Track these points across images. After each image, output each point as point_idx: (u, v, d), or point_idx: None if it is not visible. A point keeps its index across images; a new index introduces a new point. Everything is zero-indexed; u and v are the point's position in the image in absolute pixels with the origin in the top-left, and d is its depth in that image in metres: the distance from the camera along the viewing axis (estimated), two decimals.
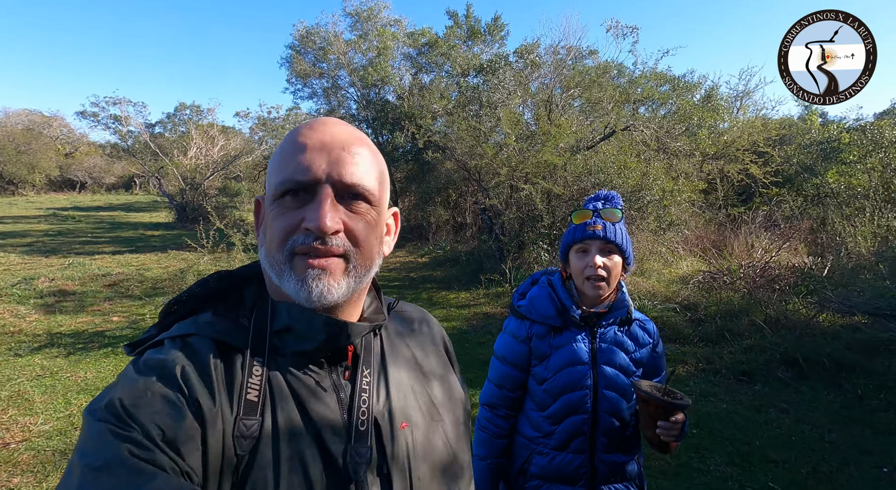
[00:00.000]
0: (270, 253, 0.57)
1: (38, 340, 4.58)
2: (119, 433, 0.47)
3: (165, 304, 0.61)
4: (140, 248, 11.00)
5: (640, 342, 1.31)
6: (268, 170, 0.61)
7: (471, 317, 5.64)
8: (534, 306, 1.32)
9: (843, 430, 3.01)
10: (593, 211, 1.28)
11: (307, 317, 0.57)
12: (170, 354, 0.54)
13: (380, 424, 0.60)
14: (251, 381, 0.55)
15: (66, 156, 32.85)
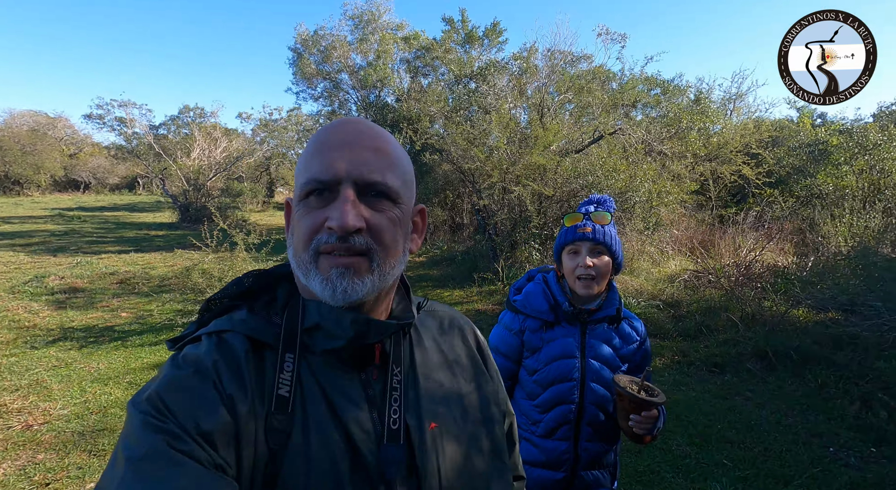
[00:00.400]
0: (297, 253, 0.58)
1: (51, 334, 4.85)
2: (158, 425, 0.48)
3: (205, 300, 0.64)
4: (144, 247, 11.28)
5: (628, 339, 1.37)
6: (295, 171, 0.63)
7: (463, 313, 5.88)
8: (528, 301, 1.39)
9: (800, 415, 3.25)
10: (584, 214, 1.35)
11: (335, 315, 0.58)
12: (206, 350, 0.56)
13: (409, 424, 0.60)
14: (282, 378, 0.56)
15: (71, 156, 33.21)
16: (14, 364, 4.05)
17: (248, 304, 0.62)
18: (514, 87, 8.63)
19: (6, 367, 3.96)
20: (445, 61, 10.81)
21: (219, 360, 0.54)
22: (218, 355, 0.55)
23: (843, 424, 3.10)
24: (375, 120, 12.62)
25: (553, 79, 7.99)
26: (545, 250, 7.13)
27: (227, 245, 5.24)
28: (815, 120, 15.01)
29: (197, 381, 0.52)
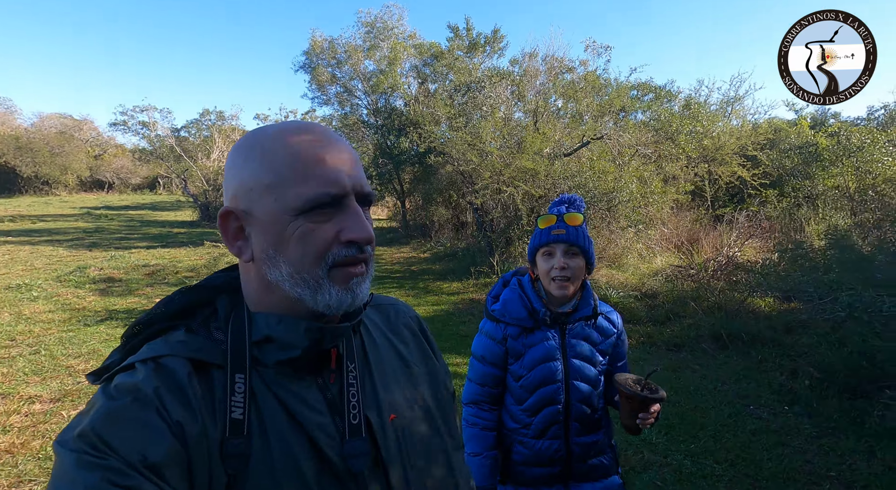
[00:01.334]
0: (304, 269, 0.56)
1: (99, 315, 5.60)
2: (95, 462, 0.45)
3: (130, 324, 0.59)
4: (169, 243, 12.12)
5: (606, 333, 1.41)
6: (259, 179, 0.56)
7: (458, 302, 6.51)
8: (507, 309, 1.40)
9: (735, 383, 3.80)
10: (557, 215, 1.36)
11: (287, 325, 0.57)
12: (143, 377, 0.52)
13: (369, 418, 0.60)
14: (234, 400, 0.54)
15: (96, 158, 34.65)
16: (73, 337, 4.79)
17: (185, 323, 0.59)
18: (515, 92, 9.23)
19: (67, 340, 4.71)
20: (454, 69, 11.44)
21: (160, 386, 0.51)
22: (158, 381, 0.52)
23: (769, 390, 3.64)
24: (385, 123, 13.32)
25: (548, 85, 8.57)
26: None
27: None
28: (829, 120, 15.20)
29: (137, 409, 0.49)
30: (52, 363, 4.11)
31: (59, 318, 5.40)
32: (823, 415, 3.21)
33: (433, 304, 6.43)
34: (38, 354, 4.28)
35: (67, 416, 3.21)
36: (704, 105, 12.12)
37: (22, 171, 27.73)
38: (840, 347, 3.75)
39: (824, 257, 4.73)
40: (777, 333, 4.73)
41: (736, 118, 13.36)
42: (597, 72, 9.46)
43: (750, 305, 5.35)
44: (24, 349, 4.40)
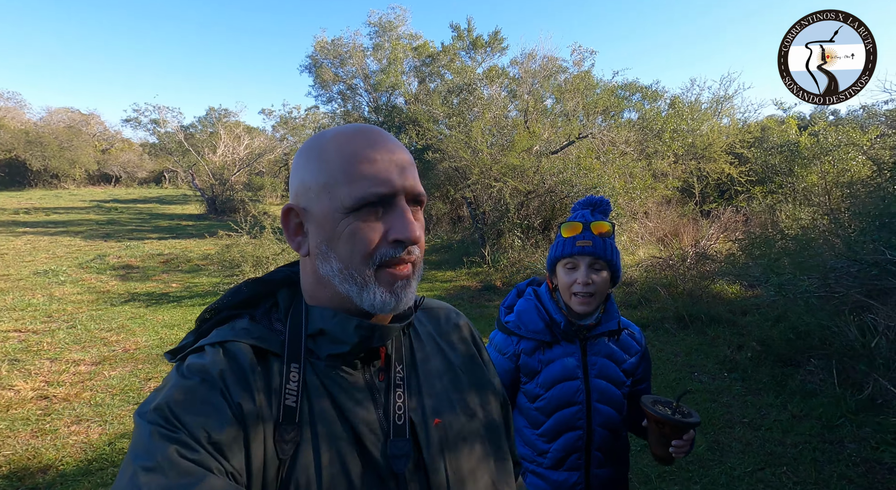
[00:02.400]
0: (352, 266, 0.57)
1: (122, 297, 6.16)
2: (168, 435, 0.49)
3: (202, 311, 0.64)
4: (179, 235, 12.69)
5: (629, 350, 1.29)
6: (314, 179, 0.59)
7: (450, 289, 7.05)
8: (522, 321, 1.29)
9: (687, 356, 4.33)
10: (583, 223, 1.23)
11: (340, 320, 0.59)
12: (211, 359, 0.56)
13: (413, 421, 0.62)
14: (289, 388, 0.57)
15: (103, 152, 35.32)
16: (102, 315, 5.36)
17: (249, 312, 0.63)
18: (510, 92, 9.70)
19: (98, 317, 5.27)
20: (451, 69, 11.91)
21: (225, 369, 0.55)
22: (224, 364, 0.55)
23: (716, 361, 4.17)
24: (385, 121, 13.82)
25: (538, 86, 9.05)
26: (526, 239, 8.23)
27: (258, 230, 6.49)
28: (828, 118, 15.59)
29: (205, 390, 0.53)
30: (88, 335, 4.67)
31: (88, 299, 5.96)
32: (755, 379, 3.74)
33: (427, 290, 6.97)
34: (75, 329, 4.85)
35: (108, 375, 3.77)
36: (696, 103, 12.59)
37: (32, 164, 28.37)
38: (777, 324, 4.27)
39: (768, 246, 5.25)
40: (734, 315, 5.24)
41: (726, 117, 13.82)
42: (591, 71, 9.95)
43: (716, 291, 5.86)
44: (62, 324, 4.97)
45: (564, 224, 1.27)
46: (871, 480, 2.48)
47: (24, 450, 2.70)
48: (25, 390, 3.40)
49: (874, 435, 2.84)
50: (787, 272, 4.08)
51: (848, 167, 9.09)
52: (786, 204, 9.84)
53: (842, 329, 3.74)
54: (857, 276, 3.74)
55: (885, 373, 3.31)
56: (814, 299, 3.98)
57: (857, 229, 3.79)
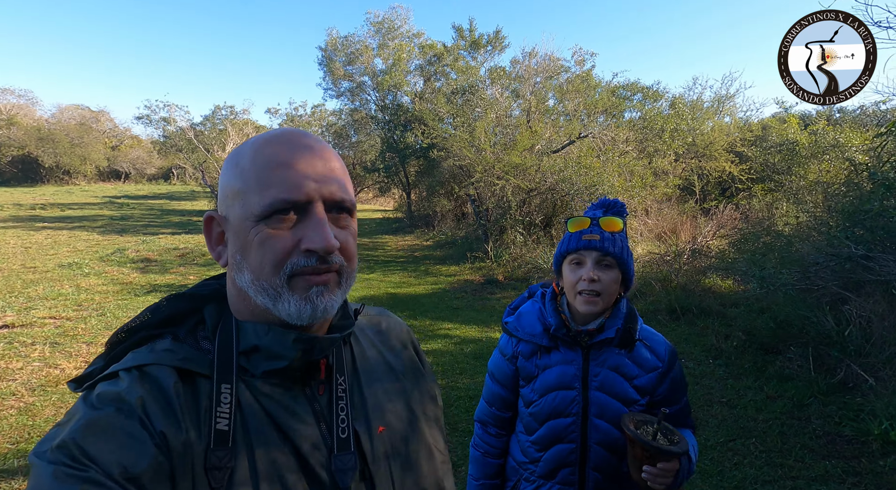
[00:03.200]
0: (262, 277, 0.55)
1: (144, 288, 6.52)
2: (75, 474, 0.44)
3: (115, 331, 0.58)
4: (192, 230, 13.08)
5: (646, 366, 1.16)
6: (230, 185, 0.57)
7: (454, 282, 7.36)
8: (520, 323, 1.25)
9: (676, 345, 4.55)
10: (591, 218, 1.17)
11: (276, 335, 0.56)
12: (127, 386, 0.51)
13: (358, 431, 0.60)
14: (220, 411, 0.53)
15: (113, 148, 35.87)
16: (128, 304, 5.71)
17: (171, 331, 0.59)
18: (512, 91, 9.97)
19: (124, 305, 5.63)
20: (455, 68, 12.19)
21: (144, 396, 0.50)
22: (142, 390, 0.51)
23: (703, 349, 4.45)
24: (392, 119, 14.11)
25: (541, 86, 9.32)
26: (528, 235, 8.52)
27: None
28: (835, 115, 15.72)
29: (121, 420, 0.48)
30: (118, 322, 5.02)
31: (113, 290, 6.33)
32: (737, 365, 4.02)
33: (432, 283, 7.29)
34: (105, 316, 5.21)
35: None
36: (698, 102, 12.79)
37: (44, 161, 28.90)
38: (761, 314, 4.55)
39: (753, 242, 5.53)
40: (724, 307, 5.52)
41: (728, 115, 14.00)
42: (591, 71, 10.20)
43: (708, 285, 6.14)
44: (92, 312, 5.33)
45: (571, 219, 1.20)
46: (830, 450, 2.78)
47: None
48: (69, 368, 3.75)
49: (838, 412, 3.12)
50: (771, 266, 4.35)
51: (843, 167, 9.31)
52: (784, 202, 10.07)
53: (819, 319, 4.02)
54: (834, 269, 4.01)
55: (856, 358, 3.59)
56: (794, 291, 4.25)
57: (836, 226, 4.06)
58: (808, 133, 11.00)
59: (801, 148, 10.27)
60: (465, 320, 5.43)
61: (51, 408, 3.18)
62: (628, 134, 9.07)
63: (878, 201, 3.65)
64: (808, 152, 9.85)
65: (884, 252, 3.45)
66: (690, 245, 8.21)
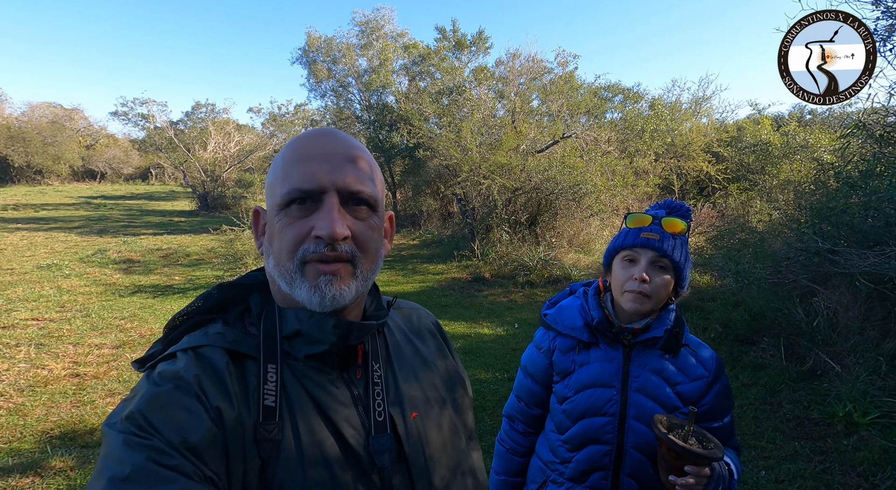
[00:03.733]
0: (280, 263, 0.60)
1: (129, 289, 6.44)
2: (141, 442, 0.48)
3: (171, 318, 0.64)
4: (173, 231, 12.87)
5: (690, 373, 1.11)
6: (267, 180, 0.63)
7: (441, 280, 7.45)
8: (560, 316, 1.21)
9: None
10: (653, 217, 1.11)
11: (317, 320, 0.60)
12: (185, 365, 0.56)
13: (392, 415, 0.64)
14: (267, 388, 0.57)
15: (87, 147, 34.87)
16: (112, 305, 5.64)
17: (221, 316, 0.63)
18: (497, 91, 10.11)
19: (109, 306, 5.56)
20: (440, 69, 12.27)
21: (200, 374, 0.55)
22: (198, 369, 0.56)
23: None
24: (377, 119, 14.13)
25: (525, 87, 9.49)
26: (514, 233, 8.67)
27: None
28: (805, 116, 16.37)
29: (179, 395, 0.53)
30: (103, 323, 4.97)
31: (96, 291, 6.23)
32: None
33: (420, 282, 7.37)
34: (90, 317, 5.14)
35: (130, 357, 4.10)
36: (676, 103, 13.15)
37: (14, 160, 27.93)
38: (737, 307, 4.77)
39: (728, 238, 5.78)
40: (703, 301, 5.75)
41: (704, 117, 14.44)
42: (574, 73, 10.41)
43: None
44: (76, 313, 5.25)
45: (631, 215, 1.15)
46: (799, 432, 2.96)
47: (70, 417, 3.04)
48: (57, 369, 3.72)
49: (807, 397, 3.32)
50: (745, 262, 4.57)
51: (812, 166, 9.73)
52: (757, 200, 10.46)
53: (790, 311, 4.24)
54: (803, 264, 4.24)
55: (823, 347, 3.81)
56: (767, 285, 4.47)
57: (805, 222, 4.29)
58: (780, 134, 11.45)
59: (773, 148, 10.70)
60: (453, 317, 5.53)
61: (41, 408, 3.16)
62: (610, 134, 9.31)
63: (843, 199, 3.88)
64: (780, 152, 10.26)
65: (848, 247, 3.68)
66: None
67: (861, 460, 2.63)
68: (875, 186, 3.45)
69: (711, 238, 6.52)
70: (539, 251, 7.57)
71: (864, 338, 3.66)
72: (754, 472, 2.60)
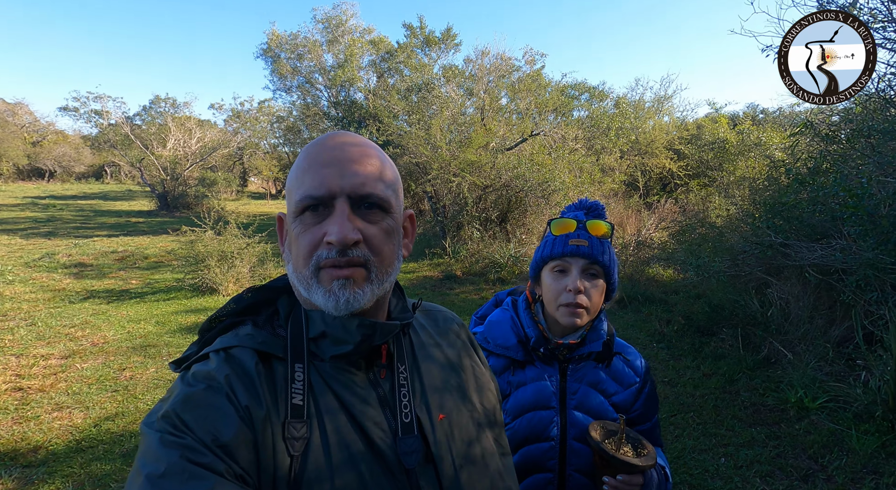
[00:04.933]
0: (298, 269, 0.61)
1: (80, 295, 6.07)
2: (175, 441, 0.50)
3: (205, 320, 0.66)
4: (130, 232, 12.25)
5: (623, 381, 1.09)
6: (286, 187, 0.65)
7: (413, 279, 7.40)
8: (491, 334, 1.14)
9: (622, 330, 4.92)
10: (577, 221, 1.08)
11: (341, 322, 0.61)
12: (216, 365, 0.58)
13: (419, 417, 0.64)
14: (294, 387, 0.58)
15: (34, 144, 32.74)
16: (61, 312, 5.31)
17: (252, 319, 0.65)
18: (466, 89, 10.11)
19: (58, 314, 5.23)
20: (408, 65, 12.16)
21: (230, 374, 0.57)
22: (229, 369, 0.57)
23: (647, 333, 4.78)
24: (345, 116, 13.88)
25: (494, 84, 9.52)
26: (484, 231, 8.71)
27: (222, 224, 6.56)
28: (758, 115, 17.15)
29: (211, 395, 0.55)
30: (51, 331, 4.66)
31: (43, 298, 5.85)
32: (678, 347, 4.36)
33: None
34: (35, 326, 4.81)
35: (81, 367, 3.86)
36: (640, 102, 13.53)
37: None
38: (698, 300, 4.94)
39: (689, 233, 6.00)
40: (666, 295, 5.94)
41: (666, 115, 14.92)
42: (541, 71, 10.53)
43: (652, 275, 6.56)
44: (20, 322, 4.91)
45: (555, 221, 1.10)
46: (756, 418, 3.09)
47: (10, 434, 2.82)
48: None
49: (763, 384, 3.48)
50: (705, 255, 4.74)
51: (766, 163, 10.23)
52: (716, 196, 10.92)
53: (746, 302, 4.43)
54: (758, 257, 4.43)
55: (777, 336, 4.00)
56: (725, 278, 4.66)
57: (759, 217, 4.48)
58: (736, 132, 11.98)
59: (730, 146, 11.17)
60: None
61: None
62: (577, 132, 9.48)
63: (793, 195, 4.08)
64: (736, 150, 10.72)
65: (798, 240, 3.86)
66: (636, 237, 8.72)
67: (811, 443, 2.76)
68: (822, 183, 3.64)
69: (674, 233, 6.74)
70: (510, 248, 7.63)
71: (813, 326, 3.86)
72: (714, 459, 2.70)
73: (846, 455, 2.65)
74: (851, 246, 3.26)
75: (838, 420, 2.93)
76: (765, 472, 2.56)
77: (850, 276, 3.32)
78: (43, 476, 2.48)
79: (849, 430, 2.81)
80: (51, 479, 2.45)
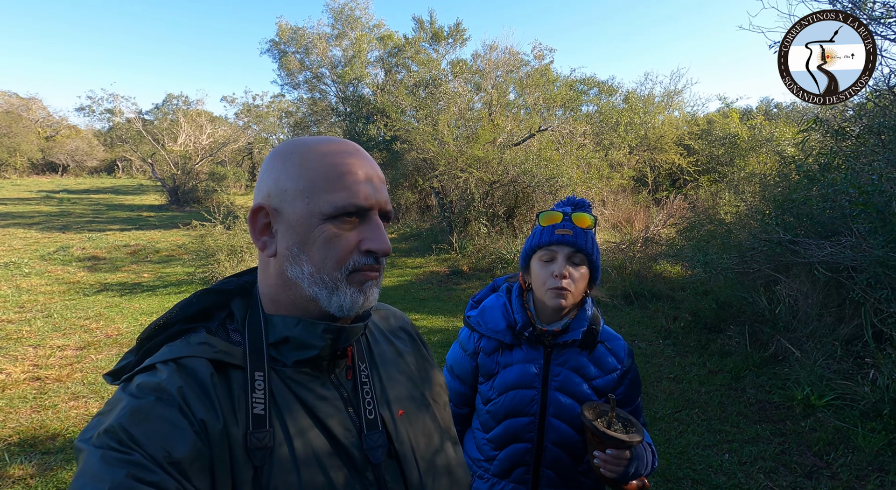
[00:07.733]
0: (324, 270, 0.60)
1: (94, 288, 6.20)
2: (120, 458, 0.46)
3: (145, 328, 0.62)
4: (142, 226, 12.43)
5: (606, 367, 1.18)
6: (291, 185, 0.61)
7: (420, 274, 7.44)
8: (483, 318, 1.24)
9: (630, 326, 4.92)
10: (564, 214, 1.17)
11: (305, 326, 0.60)
12: (166, 377, 0.54)
13: (381, 414, 0.66)
14: (255, 397, 0.57)
15: (47, 139, 33.22)
16: (76, 304, 5.43)
17: (203, 325, 0.62)
18: (474, 84, 10.08)
19: (73, 306, 5.35)
20: (416, 61, 12.14)
21: (183, 386, 0.54)
22: (181, 381, 0.54)
23: (654, 330, 4.78)
24: (353, 111, 13.90)
25: (502, 80, 9.48)
26: (491, 226, 8.71)
27: (232, 219, 6.64)
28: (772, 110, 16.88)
29: (162, 407, 0.51)
30: (66, 323, 4.78)
31: (58, 290, 5.98)
32: (684, 344, 4.35)
33: (398, 276, 7.34)
34: (51, 318, 4.93)
35: (96, 358, 3.96)
36: (649, 96, 13.39)
37: None
38: (705, 297, 4.93)
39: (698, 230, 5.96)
40: (673, 291, 5.92)
41: (676, 110, 14.76)
42: (550, 66, 10.46)
43: (659, 271, 6.54)
44: (37, 314, 5.03)
45: (542, 214, 1.20)
46: (761, 415, 3.09)
47: (29, 422, 2.91)
48: (16, 373, 3.56)
49: (769, 382, 3.47)
50: (713, 252, 4.71)
51: (777, 159, 10.08)
52: (726, 192, 10.80)
53: (754, 299, 4.41)
54: (767, 254, 4.40)
55: (785, 333, 3.98)
56: (733, 275, 4.63)
57: (769, 214, 4.44)
58: (748, 127, 11.82)
59: (741, 141, 11.03)
60: (431, 311, 5.54)
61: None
62: (585, 127, 9.42)
63: (804, 191, 4.04)
64: (747, 145, 10.59)
65: (807, 237, 3.83)
66: (643, 234, 8.67)
67: (817, 440, 2.76)
68: (832, 179, 3.60)
69: (682, 230, 6.70)
70: (516, 244, 7.63)
71: (821, 324, 3.84)
72: (718, 455, 2.71)
73: (851, 452, 2.65)
74: (861, 243, 3.23)
75: (844, 418, 2.92)
76: (769, 469, 2.57)
77: (860, 273, 3.29)
78: (61, 463, 2.56)
79: (855, 427, 2.81)
80: (68, 465, 2.53)
